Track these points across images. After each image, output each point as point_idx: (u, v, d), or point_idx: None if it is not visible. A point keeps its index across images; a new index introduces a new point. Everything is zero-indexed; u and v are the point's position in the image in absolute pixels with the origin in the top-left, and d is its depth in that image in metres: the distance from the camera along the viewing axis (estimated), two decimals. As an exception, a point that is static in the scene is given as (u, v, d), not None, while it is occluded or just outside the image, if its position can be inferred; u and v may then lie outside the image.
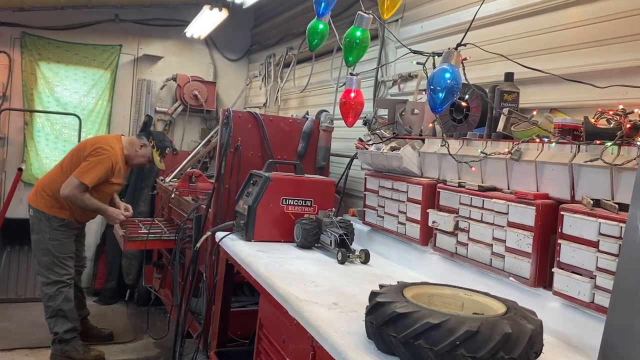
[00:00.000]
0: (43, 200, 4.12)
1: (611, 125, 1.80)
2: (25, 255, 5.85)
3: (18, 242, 5.83)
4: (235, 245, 2.90)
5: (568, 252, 1.78)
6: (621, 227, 1.59)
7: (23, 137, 6.20)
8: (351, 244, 2.79)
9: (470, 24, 1.98)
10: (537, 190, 2.00)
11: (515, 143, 2.07)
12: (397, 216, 2.75)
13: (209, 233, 3.28)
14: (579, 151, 1.85)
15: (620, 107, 1.82)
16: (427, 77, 1.96)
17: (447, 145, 2.39)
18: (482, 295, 1.67)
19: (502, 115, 2.19)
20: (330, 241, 2.80)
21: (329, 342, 1.66)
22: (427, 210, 2.48)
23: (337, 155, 4.00)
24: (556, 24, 2.36)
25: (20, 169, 5.52)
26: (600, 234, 1.67)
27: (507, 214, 2.04)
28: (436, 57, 2.05)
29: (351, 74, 2.74)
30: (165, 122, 6.64)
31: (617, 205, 1.66)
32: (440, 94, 1.84)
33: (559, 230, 1.81)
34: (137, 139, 4.35)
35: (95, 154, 4.02)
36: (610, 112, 1.84)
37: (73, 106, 6.32)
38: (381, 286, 1.68)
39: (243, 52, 7.08)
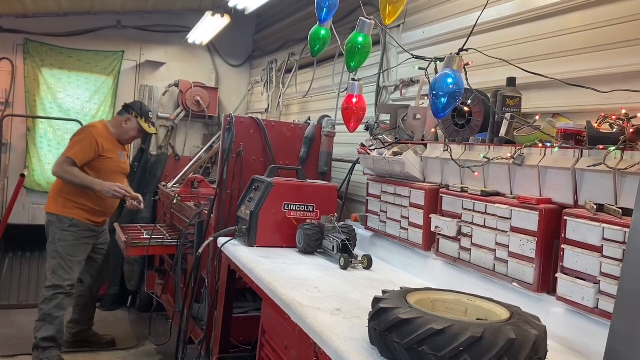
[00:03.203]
0: (55, 203, 4.14)
1: (614, 130, 1.80)
2: (28, 261, 5.86)
3: (20, 248, 5.84)
4: (238, 251, 2.90)
5: (572, 258, 1.77)
6: (625, 232, 1.58)
7: (25, 144, 6.23)
8: (354, 250, 2.79)
9: (473, 29, 1.98)
10: (540, 195, 2.00)
11: (518, 148, 2.06)
12: (400, 221, 2.74)
13: (211, 239, 3.28)
14: (582, 156, 1.84)
15: (623, 111, 1.81)
16: (429, 82, 1.96)
17: (449, 150, 2.39)
18: (486, 301, 1.67)
19: (504, 120, 2.18)
20: (333, 247, 2.79)
21: (332, 348, 1.65)
22: (430, 216, 2.48)
23: (339, 161, 4.00)
24: (558, 29, 2.36)
25: (22, 175, 5.53)
26: (604, 239, 1.66)
27: (510, 219, 2.03)
28: (438, 62, 2.05)
29: (353, 80, 2.74)
30: (167, 128, 6.65)
31: (620, 210, 1.65)
32: (443, 99, 1.83)
33: (563, 235, 1.80)
34: (119, 116, 4.39)
35: (77, 134, 4.19)
36: (613, 117, 1.84)
37: (75, 112, 6.35)
38: (384, 292, 1.68)
39: (245, 58, 7.11)
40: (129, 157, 4.57)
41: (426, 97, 2.93)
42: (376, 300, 1.58)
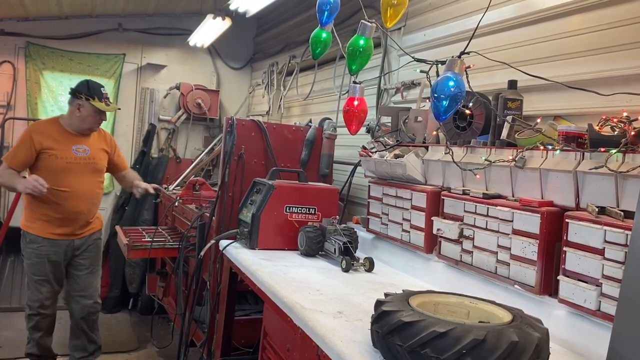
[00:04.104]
0: (23, 215, 3.81)
1: (615, 133, 1.80)
2: (29, 264, 5.85)
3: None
4: (239, 254, 2.90)
5: (573, 260, 1.78)
6: (627, 234, 1.59)
7: (27, 146, 6.22)
8: (355, 252, 2.79)
9: (474, 32, 1.98)
10: (542, 198, 2.00)
11: (519, 150, 2.07)
12: (401, 224, 2.75)
13: (212, 241, 3.28)
14: (583, 158, 1.84)
15: (625, 114, 1.82)
16: (430, 85, 1.97)
17: (451, 153, 2.39)
18: (488, 304, 1.67)
19: (505, 123, 2.19)
20: (334, 249, 2.79)
21: (335, 351, 1.65)
22: (432, 218, 2.48)
23: (340, 163, 4.00)
24: (559, 32, 2.36)
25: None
26: (605, 241, 1.66)
27: (512, 221, 2.04)
28: (439, 65, 2.05)
29: (354, 82, 2.74)
30: (168, 131, 6.66)
31: (622, 213, 1.65)
32: (444, 102, 1.84)
33: (564, 237, 1.81)
34: (70, 106, 3.76)
35: None
36: (615, 120, 1.84)
37: (77, 115, 6.35)
38: (386, 295, 1.68)
39: (246, 60, 7.12)
40: (109, 151, 3.92)
41: (427, 100, 2.94)
42: (378, 303, 1.59)
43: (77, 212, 3.70)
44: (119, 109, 4.47)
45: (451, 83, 1.83)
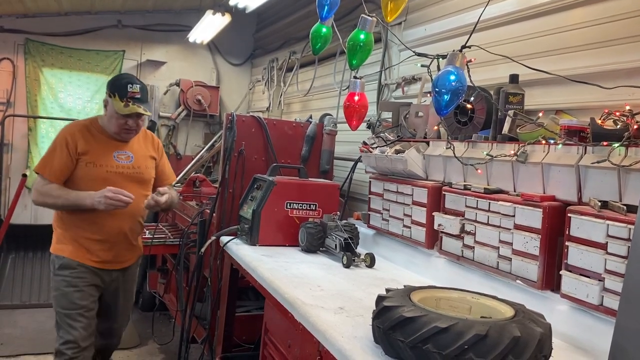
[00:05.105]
0: (53, 238, 3.01)
1: (618, 127, 1.79)
2: (30, 262, 5.86)
3: (22, 248, 5.84)
4: (240, 250, 2.89)
5: (576, 255, 1.77)
6: (630, 228, 1.58)
7: (27, 144, 6.23)
8: (356, 248, 2.78)
9: (475, 26, 1.97)
10: (544, 192, 1.99)
11: (521, 145, 2.06)
12: (402, 219, 2.74)
13: (213, 238, 3.28)
14: (585, 153, 1.83)
15: (627, 107, 1.81)
16: (431, 79, 1.95)
17: (452, 148, 2.38)
18: (490, 299, 1.66)
19: (507, 117, 2.18)
20: (335, 245, 2.79)
21: (336, 346, 1.64)
22: (433, 213, 2.47)
23: (341, 159, 3.99)
24: (561, 25, 2.35)
25: (24, 175, 5.54)
26: (608, 235, 1.65)
27: (514, 216, 2.03)
28: (440, 59, 2.04)
29: (355, 77, 2.73)
30: (168, 127, 6.66)
31: (625, 207, 1.65)
32: (445, 97, 1.83)
33: (567, 232, 1.80)
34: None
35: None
36: (617, 113, 1.83)
37: (77, 112, 6.35)
38: (388, 290, 1.67)
39: (246, 56, 7.11)
40: (157, 157, 3.15)
41: (428, 95, 2.93)
42: (380, 299, 1.58)
43: (119, 233, 2.96)
44: (149, 114, 3.33)
45: (452, 77, 1.82)
